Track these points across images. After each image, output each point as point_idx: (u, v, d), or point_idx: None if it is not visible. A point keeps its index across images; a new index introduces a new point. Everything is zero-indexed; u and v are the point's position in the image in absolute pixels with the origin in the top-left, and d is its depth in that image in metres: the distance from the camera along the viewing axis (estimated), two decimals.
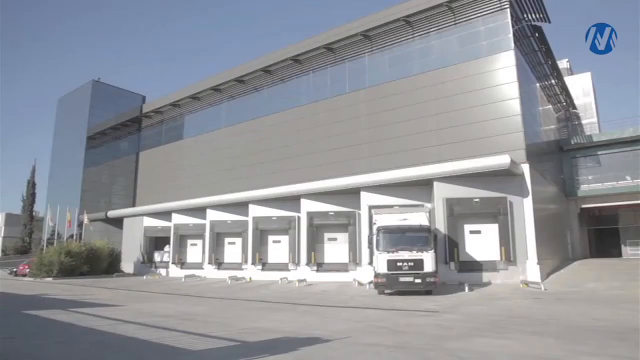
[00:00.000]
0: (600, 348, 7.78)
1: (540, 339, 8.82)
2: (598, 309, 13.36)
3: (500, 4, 24.04)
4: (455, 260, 22.11)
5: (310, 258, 27.04)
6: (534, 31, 27.17)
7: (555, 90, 34.70)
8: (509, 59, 23.56)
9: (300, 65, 30.98)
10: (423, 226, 18.80)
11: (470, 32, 24.97)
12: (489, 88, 23.81)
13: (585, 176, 34.20)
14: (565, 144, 34.64)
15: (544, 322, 11.12)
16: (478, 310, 13.76)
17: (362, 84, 28.09)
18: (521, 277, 21.01)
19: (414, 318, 12.19)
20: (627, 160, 32.89)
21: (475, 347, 8.06)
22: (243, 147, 33.05)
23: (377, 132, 26.49)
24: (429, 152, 24.15)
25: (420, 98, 25.36)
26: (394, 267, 18.05)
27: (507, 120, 22.94)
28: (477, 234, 22.77)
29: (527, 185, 22.27)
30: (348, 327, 10.45)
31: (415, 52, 26.61)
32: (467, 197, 22.58)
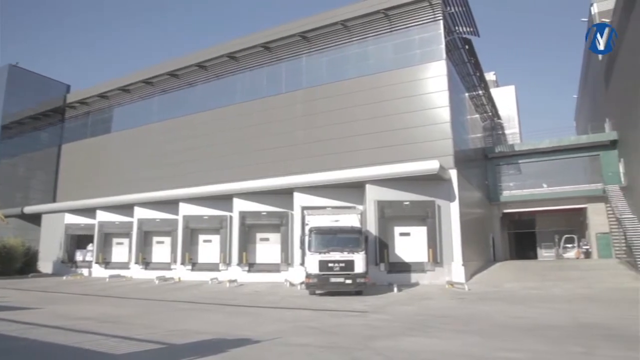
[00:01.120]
0: (517, 344, 8.23)
1: (463, 337, 9.19)
2: (515, 308, 14.16)
3: (434, 16, 24.92)
4: (385, 262, 22.65)
5: (241, 258, 26.69)
6: (464, 44, 28.45)
7: (482, 101, 36.48)
8: (441, 69, 24.49)
9: (237, 63, 30.49)
10: (354, 228, 19.14)
11: (405, 40, 25.69)
12: (420, 95, 24.61)
13: (507, 183, 36.21)
14: (489, 152, 36.49)
15: (467, 321, 11.62)
16: (406, 310, 14.15)
17: (298, 85, 28.11)
18: (447, 278, 21.86)
19: (344, 318, 12.33)
20: (545, 169, 35.23)
21: (402, 346, 8.27)
22: (175, 143, 31.98)
23: (312, 133, 26.62)
24: (362, 155, 24.57)
25: (356, 102, 25.78)
26: (325, 267, 18.21)
27: (437, 127, 23.82)
28: (407, 236, 23.49)
29: (454, 189, 23.25)
30: (278, 328, 10.40)
31: (352, 56, 27.02)
32: (397, 200, 23.22)
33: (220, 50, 30.84)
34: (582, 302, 15.27)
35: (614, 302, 15.13)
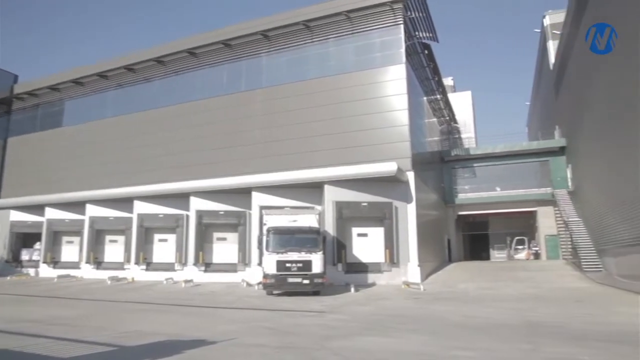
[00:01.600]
0: (470, 342, 8.41)
1: (418, 336, 9.33)
2: (469, 307, 14.51)
3: (394, 20, 25.24)
4: (343, 262, 22.76)
5: (198, 258, 26.22)
6: (424, 48, 29.00)
7: (439, 105, 37.27)
8: (400, 72, 24.83)
9: (196, 59, 29.91)
10: (313, 228, 19.18)
11: (366, 42, 25.91)
12: (380, 98, 24.88)
13: (462, 186, 37.14)
14: (446, 155, 37.32)
15: (422, 320, 11.81)
16: (363, 310, 14.26)
17: (258, 84, 27.86)
18: (403, 278, 22.18)
19: (301, 318, 12.30)
20: (498, 172, 36.35)
21: (358, 345, 8.31)
22: (131, 139, 31.03)
23: (271, 132, 26.43)
24: (322, 156, 24.61)
25: (316, 102, 25.78)
26: (282, 268, 18.16)
27: (396, 129, 24.14)
28: (364, 237, 23.69)
29: (412, 191, 23.63)
30: (234, 329, 10.25)
31: (313, 56, 27.02)
32: (355, 200, 23.39)
33: (180, 46, 30.17)
34: (531, 301, 15.81)
35: (560, 301, 15.75)
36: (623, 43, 20.19)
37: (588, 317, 11.78)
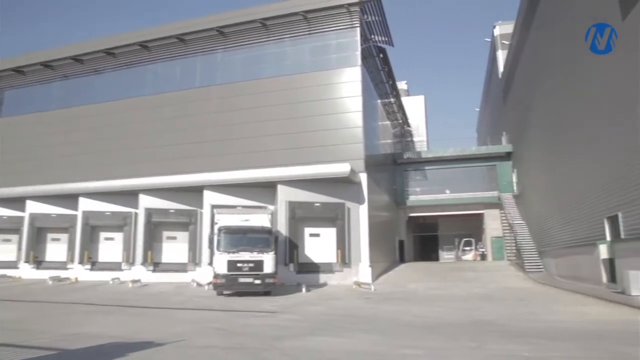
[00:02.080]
0: (418, 341, 8.55)
1: (369, 335, 9.39)
2: (418, 307, 14.78)
3: (351, 22, 25.43)
4: (295, 262, 22.73)
5: (146, 257, 25.48)
6: (379, 52, 29.39)
7: (393, 108, 37.90)
8: (355, 74, 25.04)
9: (148, 53, 29.01)
10: (265, 228, 19.04)
11: (322, 43, 25.98)
12: (335, 99, 25.02)
13: (413, 188, 37.92)
14: (398, 158, 37.98)
15: (373, 320, 11.92)
16: (314, 310, 14.25)
17: (213, 80, 27.36)
18: (354, 279, 22.36)
19: (251, 319, 12.15)
20: (448, 176, 37.37)
21: (309, 345, 8.27)
22: (76, 133, 29.62)
23: (225, 130, 26.00)
24: (275, 155, 24.46)
25: (271, 101, 25.60)
26: (234, 267, 17.93)
27: (349, 131, 24.33)
28: (316, 237, 23.74)
29: (364, 193, 23.88)
30: (183, 330, 9.99)
31: (269, 55, 26.83)
32: (308, 201, 23.41)
33: (131, 38, 29.17)
34: (478, 301, 16.29)
35: (504, 300, 16.30)
36: (563, 59, 21.23)
37: (530, 316, 12.25)
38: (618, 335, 9.04)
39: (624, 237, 15.77)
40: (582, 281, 19.45)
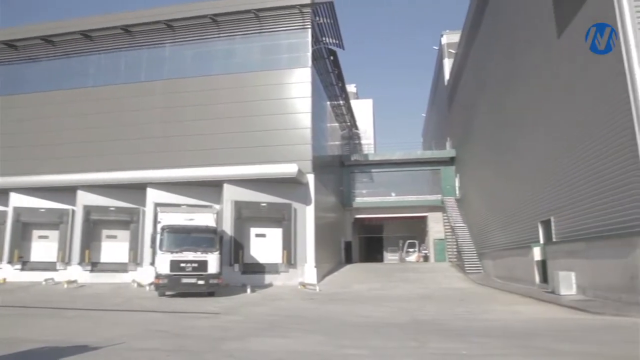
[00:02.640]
0: (361, 341, 8.61)
1: (313, 336, 9.37)
2: (362, 307, 14.94)
3: (303, 23, 25.45)
4: (240, 262, 22.46)
5: (84, 257, 24.31)
6: (330, 54, 29.58)
7: (342, 110, 38.25)
8: (306, 75, 25.08)
9: (91, 42, 27.69)
10: (209, 227, 18.68)
11: (273, 43, 25.83)
12: (284, 99, 24.96)
13: (360, 190, 38.45)
14: (346, 160, 38.41)
15: (317, 320, 11.93)
16: (259, 311, 14.10)
17: (159, 75, 26.51)
18: (300, 279, 22.35)
19: (194, 320, 11.85)
20: (394, 179, 38.16)
21: (253, 346, 8.15)
22: (7, 125, 27.68)
23: (171, 127, 25.28)
24: (223, 154, 24.06)
25: (219, 99, 25.16)
26: (177, 268, 17.48)
27: (298, 132, 24.34)
28: (262, 237, 23.56)
29: (311, 194, 23.95)
30: (122, 332, 9.55)
31: (219, 52, 26.36)
32: (255, 201, 23.20)
33: (72, 26, 27.68)
34: (420, 301, 16.67)
35: (445, 300, 16.78)
36: (504, 71, 22.21)
37: (468, 315, 12.66)
38: (548, 332, 9.52)
39: (555, 240, 16.67)
40: (517, 282, 20.40)
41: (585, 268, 14.34)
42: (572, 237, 15.30)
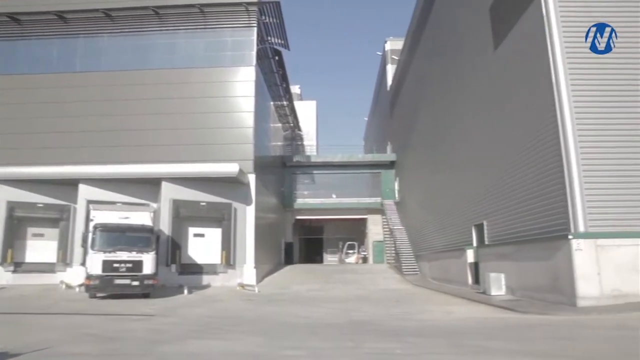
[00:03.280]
0: (300, 342, 8.61)
1: (251, 337, 9.28)
2: (300, 308, 14.96)
3: (248, 21, 25.16)
4: (177, 263, 21.87)
5: (6, 256, 22.70)
6: (275, 54, 29.45)
7: (285, 111, 38.20)
8: (250, 74, 24.83)
9: (20, 27, 25.88)
10: (146, 226, 18.09)
11: (217, 40, 25.35)
12: (227, 97, 24.59)
13: (301, 191, 38.52)
14: (288, 161, 38.37)
15: (255, 322, 11.82)
16: (195, 312, 13.81)
17: (96, 66, 25.25)
18: (239, 280, 22.08)
19: (127, 323, 11.40)
20: (335, 181, 38.54)
21: (189, 349, 7.95)
22: None
23: (107, 121, 24.12)
24: (162, 151, 23.33)
25: (160, 94, 24.37)
26: (109, 268, 16.80)
27: (240, 131, 24.05)
28: (201, 237, 23.08)
29: (252, 194, 23.73)
30: (47, 337, 8.97)
31: (161, 46, 25.51)
32: (194, 200, 22.68)
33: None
34: (357, 302, 16.91)
35: (382, 301, 17.13)
36: (443, 80, 23.03)
37: (404, 315, 12.99)
38: (477, 331, 9.94)
39: (487, 243, 17.45)
40: (451, 283, 21.18)
41: (514, 270, 15.11)
42: (503, 241, 16.09)
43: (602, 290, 11.48)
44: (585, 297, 11.44)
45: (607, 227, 11.90)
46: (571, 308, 11.50)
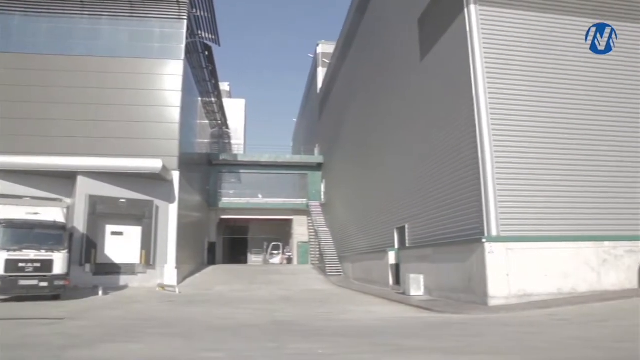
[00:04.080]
0: (220, 344, 8.43)
1: (169, 340, 8.95)
2: (222, 309, 14.67)
3: (179, 13, 24.41)
4: (92, 262, 20.71)
5: None
6: (205, 49, 28.78)
7: (213, 108, 37.46)
8: (178, 68, 24.12)
9: None
10: (57, 223, 16.87)
11: (145, 30, 24.36)
12: (153, 90, 23.73)
13: (227, 190, 37.90)
14: (214, 159, 37.59)
15: (175, 323, 11.42)
16: (111, 314, 13.12)
17: (4, 47, 23.11)
18: (159, 281, 21.33)
19: (33, 327, 10.56)
20: (262, 181, 38.30)
21: (101, 354, 7.50)
22: None
23: (16, 108, 22.17)
24: (80, 143, 22.02)
25: (80, 82, 22.97)
26: (14, 268, 15.49)
27: (165, 126, 23.26)
28: (120, 236, 22.01)
29: (175, 191, 23.00)
30: None
31: (83, 31, 24.02)
32: (113, 196, 21.57)
33: None
34: (281, 302, 16.88)
35: (305, 302, 17.21)
36: (370, 87, 23.64)
37: (326, 316, 13.13)
38: (396, 330, 10.25)
39: (408, 246, 18.09)
40: (374, 284, 21.73)
41: (433, 271, 15.77)
42: (423, 243, 16.76)
43: (510, 291, 12.28)
44: (496, 297, 12.19)
45: (516, 232, 12.76)
46: (483, 307, 12.18)
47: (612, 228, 13.29)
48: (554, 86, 13.95)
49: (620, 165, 13.85)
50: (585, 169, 13.62)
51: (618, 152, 13.92)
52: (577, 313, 10.82)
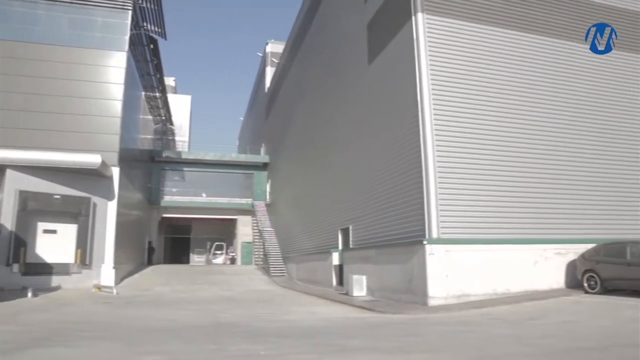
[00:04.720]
0: (159, 346, 8.18)
1: (105, 343, 8.59)
2: (162, 311, 14.26)
3: (123, 3, 23.50)
4: (21, 262, 19.46)
5: None
6: (150, 42, 27.88)
7: (157, 103, 36.39)
8: (121, 60, 23.21)
9: None
10: None
11: (85, 18, 23.27)
12: (93, 82, 22.64)
13: (170, 188, 36.94)
14: (157, 156, 36.53)
15: (111, 326, 10.98)
16: (40, 318, 12.39)
17: None
18: (95, 282, 20.43)
19: None
20: (206, 179, 37.62)
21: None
22: None
23: None
24: (8, 134, 20.68)
25: (11, 69, 21.58)
26: None
27: (106, 120, 22.32)
28: (53, 234, 20.85)
29: (115, 188, 22.11)
30: None
31: (15, 14, 22.54)
32: (46, 192, 20.38)
33: None
34: (223, 303, 16.62)
35: (248, 302, 17.04)
36: (317, 91, 23.78)
37: (269, 316, 13.05)
38: (338, 330, 10.34)
39: (352, 247, 18.32)
40: (317, 284, 21.84)
41: (375, 272, 16.04)
42: (366, 244, 17.01)
43: (448, 291, 12.70)
44: (435, 297, 12.56)
45: (455, 235, 13.20)
46: (422, 307, 12.53)
47: (543, 232, 14.07)
48: (495, 94, 14.58)
49: (554, 171, 14.68)
50: (521, 175, 14.32)
51: (553, 158, 14.75)
52: (510, 312, 11.36)
